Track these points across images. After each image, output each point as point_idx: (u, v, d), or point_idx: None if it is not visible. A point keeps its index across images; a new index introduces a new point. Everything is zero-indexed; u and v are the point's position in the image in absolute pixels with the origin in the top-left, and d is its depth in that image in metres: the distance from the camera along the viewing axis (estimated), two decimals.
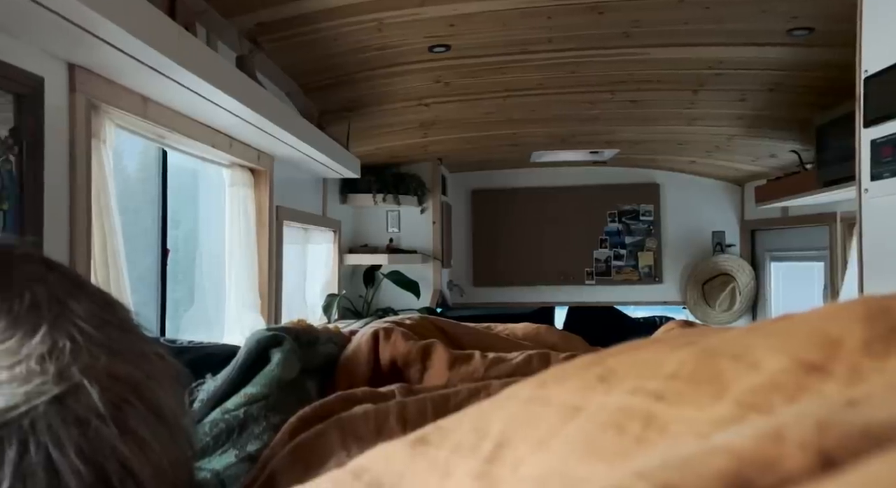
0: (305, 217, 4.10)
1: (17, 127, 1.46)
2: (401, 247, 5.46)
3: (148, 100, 2.04)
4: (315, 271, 4.62)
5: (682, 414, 0.35)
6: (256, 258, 3.22)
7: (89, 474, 0.50)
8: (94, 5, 1.30)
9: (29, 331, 0.59)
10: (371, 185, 5.13)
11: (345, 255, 5.11)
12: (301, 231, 4.30)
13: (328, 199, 4.73)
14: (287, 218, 3.65)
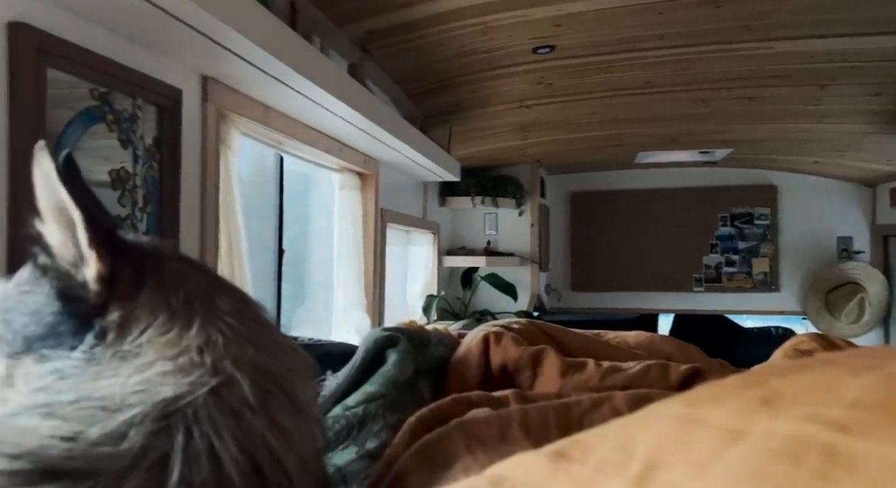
0: (407, 219, 4.18)
1: (159, 136, 1.59)
2: (498, 250, 5.45)
3: (269, 108, 2.16)
4: (415, 272, 4.72)
5: (874, 451, 0.31)
6: (362, 259, 3.32)
7: (245, 463, 0.53)
8: (228, 20, 1.40)
9: (185, 325, 0.63)
10: (469, 188, 5.16)
11: (443, 257, 5.17)
12: (403, 233, 4.40)
13: (428, 202, 4.81)
14: (391, 220, 3.75)
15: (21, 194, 1.18)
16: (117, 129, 1.44)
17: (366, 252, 3.39)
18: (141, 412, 0.52)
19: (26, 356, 0.63)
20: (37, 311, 0.64)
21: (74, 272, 0.65)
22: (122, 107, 1.45)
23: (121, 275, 0.65)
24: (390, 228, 3.79)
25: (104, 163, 1.41)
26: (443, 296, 4.89)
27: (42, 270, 0.66)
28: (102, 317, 0.63)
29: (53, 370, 0.60)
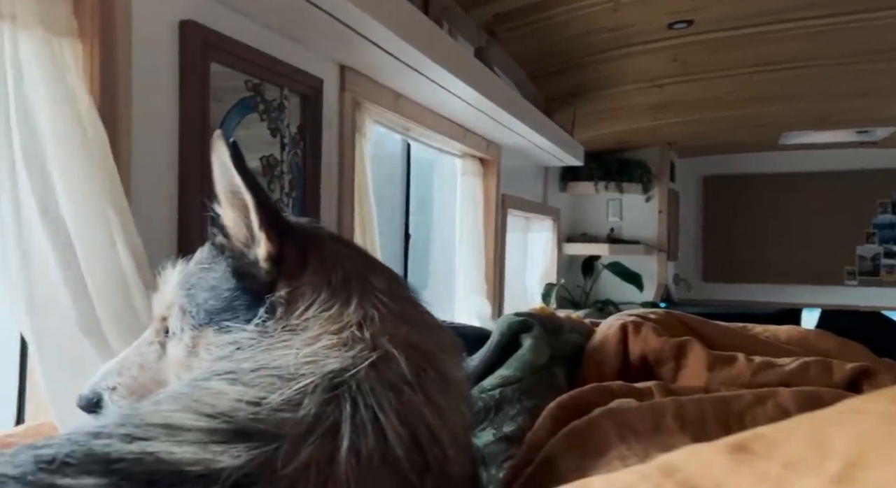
0: (527, 205, 4.14)
1: (303, 125, 1.68)
2: (622, 238, 5.25)
3: (400, 95, 2.22)
4: (534, 259, 4.67)
5: None
6: (483, 245, 3.34)
7: (406, 436, 0.54)
8: (367, 9, 1.44)
9: (345, 302, 0.66)
10: (593, 173, 5.01)
11: (563, 244, 5.07)
12: (522, 219, 4.37)
13: (548, 188, 4.73)
14: (511, 206, 3.73)
15: (189, 178, 1.29)
16: (267, 118, 1.53)
17: (486, 238, 3.40)
18: (312, 382, 0.55)
19: (208, 328, 0.69)
20: (216, 287, 0.70)
21: (247, 251, 0.70)
22: (272, 97, 1.54)
23: (287, 255, 0.69)
24: (510, 214, 3.77)
25: (255, 151, 1.52)
26: (562, 285, 4.81)
27: (219, 249, 0.72)
28: (272, 294, 0.67)
29: (232, 341, 0.65)
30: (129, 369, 0.72)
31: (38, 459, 0.43)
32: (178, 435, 0.47)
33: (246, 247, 0.69)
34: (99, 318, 0.97)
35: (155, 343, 0.73)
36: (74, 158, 1.02)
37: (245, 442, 0.48)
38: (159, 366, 0.72)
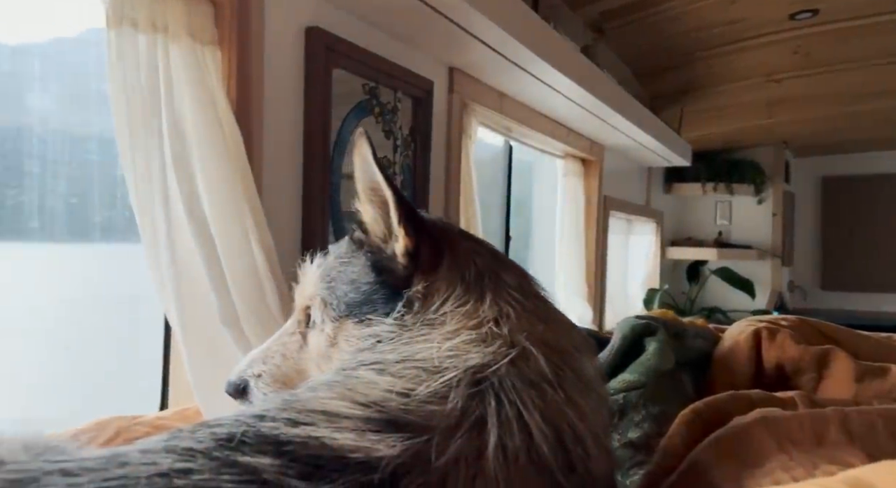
0: (630, 207, 4.01)
1: (414, 127, 1.71)
2: (731, 242, 4.97)
3: (504, 96, 2.21)
4: (636, 263, 4.51)
5: None
6: (584, 247, 3.26)
7: (551, 434, 0.53)
8: (482, 8, 1.44)
9: (479, 298, 0.66)
10: (699, 173, 4.77)
11: (667, 248, 4.87)
12: (624, 222, 4.23)
13: (651, 189, 4.55)
14: (613, 208, 3.62)
15: (312, 177, 1.35)
16: (382, 121, 1.57)
17: (587, 240, 3.32)
18: (456, 376, 0.55)
19: (347, 320, 0.71)
20: (355, 281, 0.72)
21: (384, 247, 0.71)
22: (387, 99, 1.58)
23: (423, 251, 0.70)
24: (611, 217, 3.66)
25: None
26: (666, 290, 4.61)
27: (357, 244, 0.74)
28: (409, 288, 0.68)
29: (373, 334, 0.67)
30: (273, 358, 0.76)
31: (216, 437, 0.45)
32: (336, 422, 0.49)
33: (383, 243, 0.71)
34: (237, 311, 1.02)
35: (296, 333, 0.76)
36: (214, 159, 1.09)
37: (398, 432, 0.49)
38: (300, 355, 0.75)
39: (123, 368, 1.23)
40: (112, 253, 1.18)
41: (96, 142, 1.09)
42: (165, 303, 0.99)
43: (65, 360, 1.15)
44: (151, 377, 1.19)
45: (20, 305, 1.05)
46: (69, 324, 1.14)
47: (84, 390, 1.16)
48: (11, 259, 1.02)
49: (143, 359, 1.22)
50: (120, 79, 0.98)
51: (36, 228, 0.99)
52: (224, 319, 0.99)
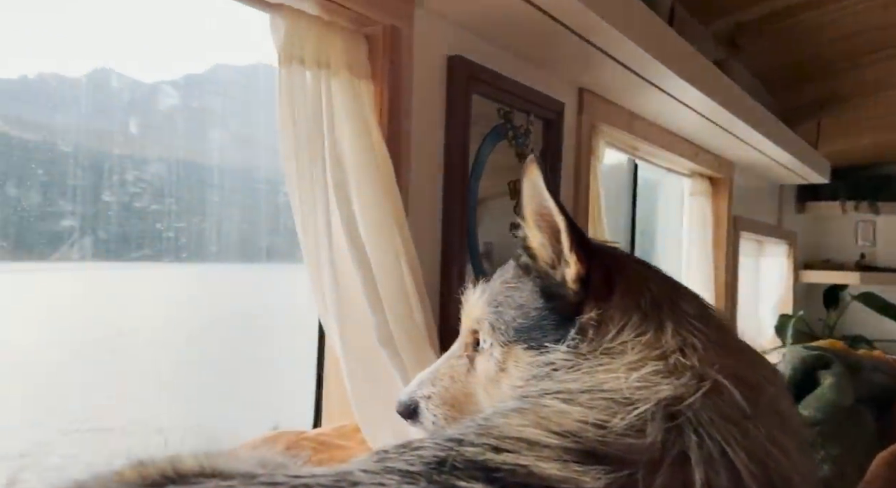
0: (761, 227, 3.76)
1: (545, 149, 1.71)
2: (876, 265, 4.52)
3: (634, 115, 2.16)
4: (767, 287, 4.21)
5: None
6: (713, 270, 3.09)
7: (760, 474, 0.50)
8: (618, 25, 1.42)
9: (658, 327, 0.64)
10: (838, 191, 4.40)
11: (800, 271, 4.51)
12: (754, 243, 3.98)
13: (783, 208, 4.25)
14: (743, 228, 3.42)
15: (451, 202, 1.38)
16: (515, 144, 1.59)
17: (716, 263, 3.15)
18: (649, 408, 0.54)
19: (516, 345, 0.71)
20: (523, 306, 0.72)
21: (553, 272, 0.71)
22: (519, 123, 1.59)
23: (594, 277, 0.69)
24: (741, 237, 3.45)
25: (504, 176, 1.57)
26: (800, 316, 4.26)
27: (524, 269, 0.74)
28: (580, 315, 0.68)
29: (547, 361, 0.67)
30: (442, 380, 0.78)
31: (425, 460, 0.47)
32: (538, 450, 0.49)
33: (552, 268, 0.71)
34: (391, 330, 1.06)
35: (464, 357, 0.77)
36: (369, 185, 1.14)
37: (599, 464, 0.48)
38: (468, 378, 0.76)
39: (280, 378, 1.31)
40: (276, 271, 1.28)
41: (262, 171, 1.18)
42: (327, 322, 1.05)
43: (228, 368, 1.25)
44: (302, 388, 1.26)
45: (201, 317, 1.16)
46: (237, 336, 1.24)
47: (250, 399, 1.25)
48: (194, 278, 1.13)
49: (296, 369, 1.30)
50: (288, 112, 1.06)
51: (214, 251, 1.09)
52: (381, 339, 1.03)
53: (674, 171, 2.91)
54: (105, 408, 1.10)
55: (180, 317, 1.16)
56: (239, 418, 1.29)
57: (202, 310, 1.19)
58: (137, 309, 1.13)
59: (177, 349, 1.17)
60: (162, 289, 1.14)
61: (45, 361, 1.03)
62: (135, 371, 1.12)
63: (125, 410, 1.10)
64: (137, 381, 1.11)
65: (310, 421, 1.23)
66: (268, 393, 1.33)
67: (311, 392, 1.22)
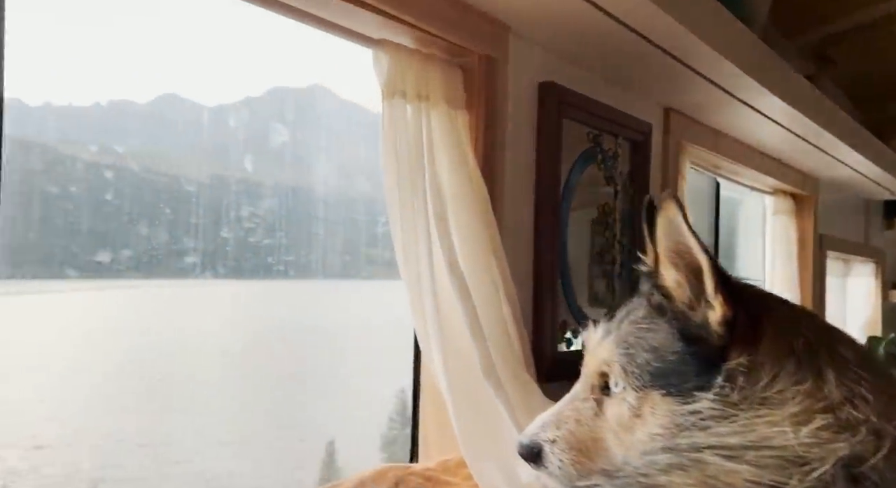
0: (848, 246, 3.56)
1: (632, 171, 1.66)
2: None
3: (719, 133, 2.09)
4: (854, 308, 3.98)
5: None
6: (798, 291, 2.94)
7: None
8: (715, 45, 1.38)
9: (817, 375, 0.59)
10: None
11: (889, 291, 4.24)
12: (840, 262, 3.77)
13: (870, 225, 4.02)
14: (830, 247, 3.24)
15: (543, 230, 1.36)
16: (604, 168, 1.55)
17: (802, 284, 2.99)
18: (827, 470, 0.50)
19: (653, 390, 0.67)
20: (658, 349, 0.69)
21: (691, 314, 0.68)
22: (608, 146, 1.56)
23: (739, 319, 0.65)
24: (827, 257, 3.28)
25: (594, 201, 1.54)
26: (892, 339, 4.00)
27: (657, 309, 0.71)
28: (727, 360, 0.64)
29: (693, 410, 0.63)
30: (567, 423, 0.75)
31: None
32: None
33: (690, 309, 0.67)
34: (494, 362, 1.04)
35: (590, 399, 0.74)
36: (466, 215, 1.13)
37: None
38: (595, 422, 0.73)
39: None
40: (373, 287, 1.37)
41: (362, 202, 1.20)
42: (429, 354, 1.04)
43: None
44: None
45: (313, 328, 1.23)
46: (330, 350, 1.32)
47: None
48: (305, 293, 1.20)
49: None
50: (391, 144, 1.07)
51: (320, 269, 1.13)
52: (484, 371, 1.02)
53: (756, 189, 2.80)
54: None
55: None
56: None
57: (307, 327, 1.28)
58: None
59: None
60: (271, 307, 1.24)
61: (199, 366, 1.13)
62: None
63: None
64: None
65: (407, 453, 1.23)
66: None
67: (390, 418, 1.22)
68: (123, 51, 0.92)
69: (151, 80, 0.96)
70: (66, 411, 1.19)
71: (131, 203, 0.93)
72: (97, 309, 1.27)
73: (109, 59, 0.88)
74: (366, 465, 0.99)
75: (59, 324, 1.19)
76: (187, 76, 1.01)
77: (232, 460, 1.35)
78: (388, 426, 2.05)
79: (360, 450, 1.47)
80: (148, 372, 1.19)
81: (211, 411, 1.27)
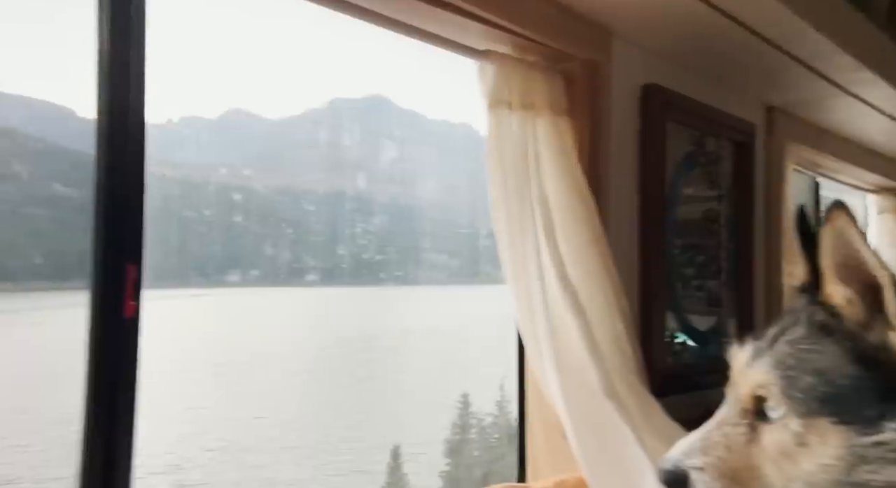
0: None
1: (735, 174, 1.58)
2: None
3: (821, 130, 1.97)
4: None
5: None
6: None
7: None
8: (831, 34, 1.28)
9: None
10: None
11: None
12: None
13: None
14: None
15: (649, 236, 1.30)
16: (707, 171, 1.48)
17: None
18: None
19: (820, 418, 0.61)
20: (825, 373, 0.62)
21: (865, 334, 0.61)
22: (711, 148, 1.49)
23: None
24: None
25: (699, 206, 1.47)
26: None
27: (822, 329, 0.65)
28: None
29: (878, 442, 0.57)
30: (715, 449, 0.69)
31: None
32: None
33: (864, 329, 0.61)
34: (613, 380, 1.00)
35: (742, 424, 0.69)
36: (574, 225, 1.09)
37: None
38: (749, 449, 0.67)
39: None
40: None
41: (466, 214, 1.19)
42: (544, 373, 1.00)
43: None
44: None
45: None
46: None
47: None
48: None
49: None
50: (497, 155, 1.04)
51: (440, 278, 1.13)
52: (606, 390, 0.97)
53: (859, 189, 2.62)
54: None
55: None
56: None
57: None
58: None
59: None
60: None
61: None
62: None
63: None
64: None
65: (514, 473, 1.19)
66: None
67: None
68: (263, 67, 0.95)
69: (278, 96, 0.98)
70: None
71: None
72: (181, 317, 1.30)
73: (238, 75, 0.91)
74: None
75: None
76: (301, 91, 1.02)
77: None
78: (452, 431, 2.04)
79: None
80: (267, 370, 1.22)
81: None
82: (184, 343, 1.51)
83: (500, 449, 2.14)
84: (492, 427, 2.24)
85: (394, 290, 1.41)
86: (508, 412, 2.15)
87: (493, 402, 2.18)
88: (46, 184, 0.85)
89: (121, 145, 0.74)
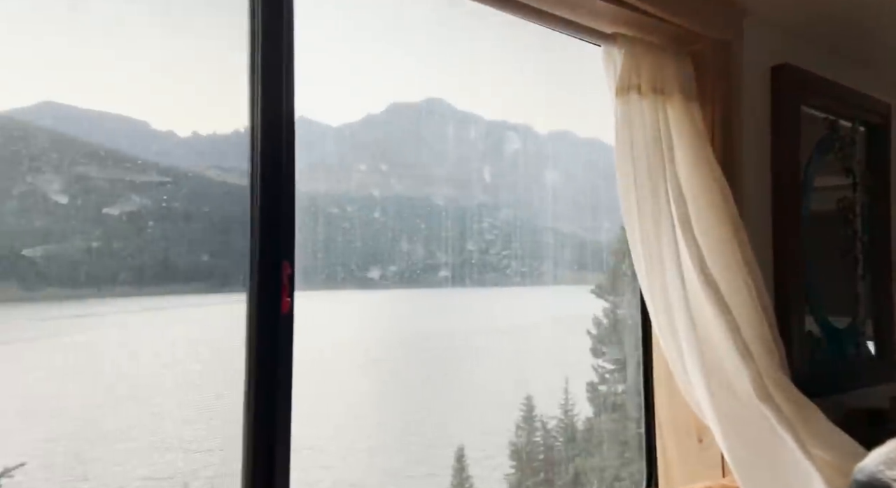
0: None
1: (869, 159, 1.45)
2: None
3: None
4: None
5: None
6: None
7: None
8: None
9: None
10: None
11: None
12: None
13: None
14: None
15: (782, 227, 1.21)
16: (840, 157, 1.37)
17: None
18: None
19: None
20: None
21: None
22: (844, 132, 1.37)
23: None
24: None
25: (833, 196, 1.36)
26: None
27: None
28: None
29: None
30: None
31: None
32: None
33: None
34: (765, 382, 0.92)
35: None
36: (711, 216, 1.02)
37: None
38: None
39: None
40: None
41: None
42: (689, 376, 0.94)
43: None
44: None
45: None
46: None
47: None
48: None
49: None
50: (626, 143, 0.99)
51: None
52: (759, 394, 0.90)
53: None
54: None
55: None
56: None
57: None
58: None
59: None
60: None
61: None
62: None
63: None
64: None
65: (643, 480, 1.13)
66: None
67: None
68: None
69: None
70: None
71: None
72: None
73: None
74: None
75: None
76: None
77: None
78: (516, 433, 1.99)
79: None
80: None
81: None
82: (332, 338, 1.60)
83: (565, 453, 2.10)
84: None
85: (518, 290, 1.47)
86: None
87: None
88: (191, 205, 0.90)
89: (276, 149, 0.74)
